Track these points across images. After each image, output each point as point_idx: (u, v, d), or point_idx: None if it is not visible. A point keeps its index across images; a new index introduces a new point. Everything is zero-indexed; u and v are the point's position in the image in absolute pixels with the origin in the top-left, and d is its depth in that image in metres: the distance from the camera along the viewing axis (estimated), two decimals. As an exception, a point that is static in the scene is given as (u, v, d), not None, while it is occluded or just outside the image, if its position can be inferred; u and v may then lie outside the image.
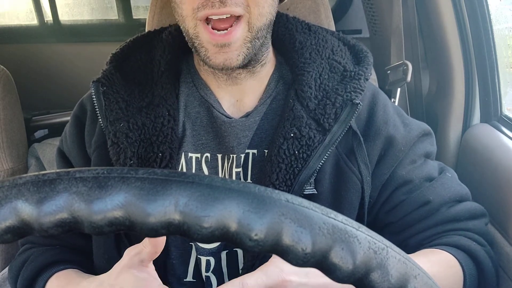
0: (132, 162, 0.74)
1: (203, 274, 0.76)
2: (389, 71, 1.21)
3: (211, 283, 0.76)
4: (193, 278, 0.77)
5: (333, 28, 0.97)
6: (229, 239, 0.27)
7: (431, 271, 0.33)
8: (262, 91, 0.81)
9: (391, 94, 1.18)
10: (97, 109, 0.78)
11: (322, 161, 0.73)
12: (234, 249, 0.77)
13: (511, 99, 1.10)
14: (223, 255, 0.76)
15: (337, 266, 0.28)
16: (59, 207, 0.27)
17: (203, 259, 0.76)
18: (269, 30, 0.76)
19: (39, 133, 1.83)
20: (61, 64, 1.97)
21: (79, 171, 0.28)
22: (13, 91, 1.38)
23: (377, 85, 1.08)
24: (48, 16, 2.01)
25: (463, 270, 0.72)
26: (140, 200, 0.27)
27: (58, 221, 0.27)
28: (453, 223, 0.77)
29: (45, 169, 1.45)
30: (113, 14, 2.02)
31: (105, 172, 0.27)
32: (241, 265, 0.76)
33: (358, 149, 0.75)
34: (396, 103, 1.17)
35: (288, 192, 0.51)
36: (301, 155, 0.73)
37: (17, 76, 1.43)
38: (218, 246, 0.76)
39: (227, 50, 0.70)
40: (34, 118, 1.72)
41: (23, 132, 1.44)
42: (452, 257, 0.73)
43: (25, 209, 0.27)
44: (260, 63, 0.79)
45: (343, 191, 0.75)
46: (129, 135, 0.75)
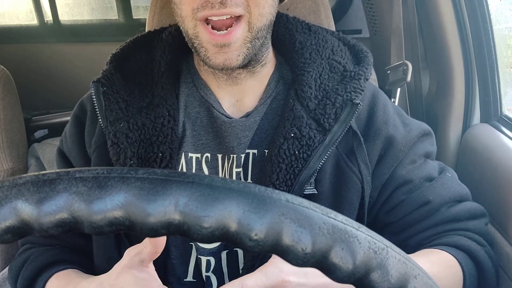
0: (132, 162, 0.74)
1: (203, 274, 0.76)
2: (389, 71, 1.21)
3: (211, 283, 0.76)
4: (193, 278, 0.77)
5: (333, 28, 0.97)
6: (229, 239, 0.27)
7: (431, 271, 0.33)
8: (262, 91, 0.81)
9: (391, 94, 1.18)
10: (97, 109, 0.78)
11: (323, 161, 0.73)
12: (234, 249, 0.76)
13: (511, 99, 1.10)
14: (223, 255, 0.76)
15: (337, 266, 0.28)
16: (59, 207, 0.27)
17: (203, 259, 0.76)
18: (269, 30, 0.76)
19: (39, 133, 1.83)
20: (61, 64, 1.97)
21: (79, 171, 0.28)
22: (13, 91, 1.38)
23: (377, 85, 1.08)
24: (48, 16, 2.01)
25: (463, 270, 0.72)
26: (140, 200, 0.27)
27: (58, 221, 0.27)
28: (453, 223, 0.77)
29: (45, 169, 1.45)
30: (113, 14, 2.02)
31: (105, 172, 0.27)
32: (241, 265, 0.76)
33: (358, 149, 0.75)
34: (396, 103, 1.17)
35: (288, 192, 0.51)
36: (301, 155, 0.73)
37: (17, 76, 1.43)
38: (218, 246, 0.76)
39: (227, 50, 0.70)
40: (34, 118, 1.72)
41: (23, 132, 1.44)
42: (452, 257, 0.73)
43: (25, 209, 0.27)
44: (260, 63, 0.79)
45: (343, 191, 0.75)
46: (129, 135, 0.75)
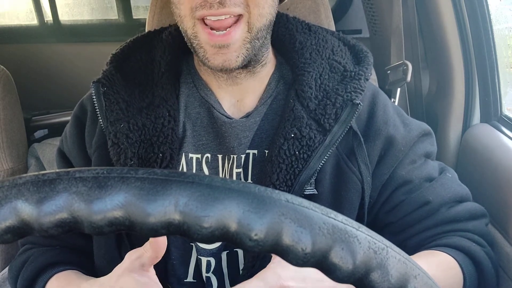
0: (132, 162, 0.74)
1: (204, 274, 0.76)
2: (389, 71, 1.21)
3: (211, 284, 0.76)
4: (193, 279, 0.77)
5: (333, 28, 0.97)
6: (229, 239, 0.27)
7: (430, 273, 0.33)
8: (262, 91, 0.81)
9: (391, 94, 1.18)
10: (97, 110, 0.78)
11: (323, 161, 0.73)
12: (235, 249, 0.76)
13: (511, 99, 1.10)
14: (224, 255, 0.76)
15: (337, 266, 0.28)
16: (59, 207, 0.27)
17: (204, 260, 0.76)
18: (269, 30, 0.76)
19: (39, 133, 1.83)
20: (61, 64, 1.97)
21: (79, 171, 0.28)
22: (13, 91, 1.38)
23: (377, 85, 1.08)
24: (48, 16, 2.01)
25: (463, 271, 0.72)
26: (140, 200, 0.27)
27: (58, 221, 0.27)
28: (453, 223, 0.77)
29: (45, 169, 1.45)
30: (113, 14, 2.02)
31: (105, 172, 0.27)
32: (241, 265, 0.76)
33: (359, 149, 0.75)
34: (396, 103, 1.17)
35: (289, 193, 0.51)
36: (301, 156, 0.73)
37: (17, 76, 1.44)
38: (218, 246, 0.76)
39: (225, 51, 0.70)
40: (34, 118, 1.72)
41: (23, 132, 1.44)
42: (451, 258, 0.72)
43: (25, 209, 0.27)
44: (260, 63, 0.79)
45: (344, 191, 0.75)
46: (130, 135, 0.75)
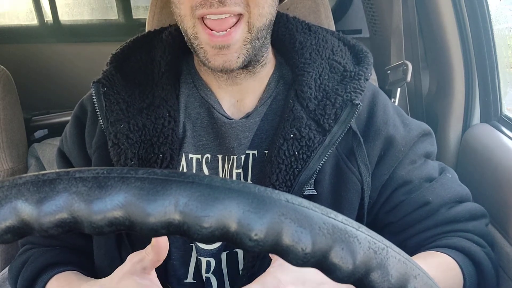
0: (132, 163, 0.74)
1: (203, 275, 0.76)
2: (389, 71, 1.21)
3: (211, 284, 0.76)
4: (193, 279, 0.77)
5: (333, 28, 0.97)
6: (229, 239, 0.27)
7: (430, 274, 0.33)
8: (262, 92, 0.80)
9: (391, 94, 1.18)
10: (97, 110, 0.78)
11: (322, 162, 0.73)
12: (234, 250, 0.76)
13: (511, 99, 1.10)
14: (223, 256, 0.76)
15: (337, 266, 0.28)
16: (59, 207, 0.27)
17: (204, 260, 0.76)
18: (269, 30, 0.76)
19: (39, 133, 1.83)
20: (61, 64, 1.97)
21: (78, 171, 0.28)
22: (13, 91, 1.38)
23: (377, 85, 1.08)
24: (48, 16, 2.01)
25: (463, 272, 0.72)
26: (140, 200, 0.27)
27: (58, 221, 0.27)
28: (452, 224, 0.77)
29: (45, 169, 1.45)
30: (113, 14, 2.02)
31: (105, 172, 0.27)
32: (241, 266, 0.76)
33: (358, 149, 0.75)
34: (396, 103, 1.17)
35: (288, 193, 0.51)
36: (301, 156, 0.73)
37: (17, 76, 1.44)
38: (218, 247, 0.76)
39: (226, 52, 0.70)
40: (34, 118, 1.72)
41: (23, 132, 1.44)
42: (451, 259, 0.72)
43: (25, 209, 0.27)
44: (260, 63, 0.79)
45: (343, 192, 0.75)
46: (130, 136, 0.75)
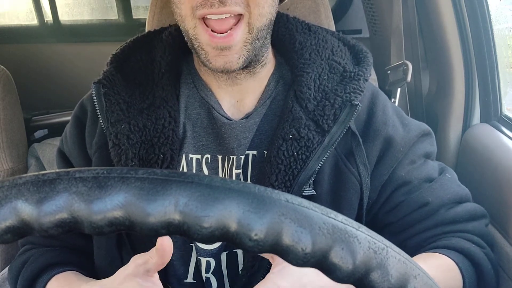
0: (133, 163, 0.74)
1: (203, 275, 0.76)
2: (389, 71, 1.21)
3: (211, 284, 0.76)
4: (193, 279, 0.77)
5: (333, 28, 0.97)
6: (229, 239, 0.27)
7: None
8: (261, 92, 0.80)
9: (391, 94, 1.18)
10: (98, 110, 0.78)
11: (321, 162, 0.73)
12: (234, 250, 0.76)
13: (511, 99, 1.10)
14: (223, 256, 0.76)
15: (337, 266, 0.28)
16: (59, 207, 0.27)
17: (203, 260, 0.76)
18: (269, 30, 0.76)
19: (39, 133, 1.83)
20: (61, 64, 1.97)
21: (78, 171, 0.28)
22: (13, 91, 1.38)
23: (377, 85, 1.08)
24: (48, 16, 2.01)
25: (462, 273, 0.72)
26: (140, 200, 0.27)
27: (58, 221, 0.27)
28: (452, 224, 0.77)
29: (45, 169, 1.45)
30: (113, 14, 2.02)
31: (105, 172, 0.27)
32: (241, 266, 0.76)
33: (357, 150, 0.75)
34: (396, 103, 1.17)
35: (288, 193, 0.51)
36: (300, 157, 0.73)
37: (17, 76, 1.44)
38: (218, 247, 0.76)
39: (227, 53, 0.70)
40: (34, 118, 1.72)
41: (23, 132, 1.44)
42: (450, 260, 0.72)
43: (25, 209, 0.27)
44: (260, 63, 0.79)
45: (342, 192, 0.75)
46: (130, 136, 0.75)
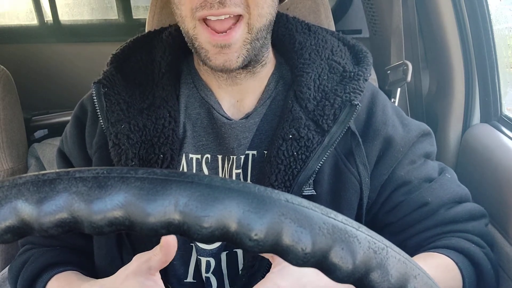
0: (133, 163, 0.74)
1: (203, 275, 0.76)
2: (389, 71, 1.21)
3: (211, 284, 0.76)
4: (193, 279, 0.77)
5: (333, 28, 0.97)
6: (229, 239, 0.27)
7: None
8: (261, 92, 0.80)
9: (391, 94, 1.18)
10: (98, 110, 0.78)
11: (321, 162, 0.73)
12: (234, 250, 0.76)
13: (511, 99, 1.10)
14: (223, 256, 0.76)
15: (337, 266, 0.28)
16: (59, 207, 0.27)
17: (203, 260, 0.76)
18: (269, 30, 0.76)
19: (39, 133, 1.83)
20: (61, 64, 1.97)
21: (78, 171, 0.28)
22: (13, 91, 1.38)
23: (377, 85, 1.08)
24: (48, 16, 2.01)
25: (462, 273, 0.72)
26: (140, 200, 0.27)
27: (58, 221, 0.27)
28: (452, 224, 0.77)
29: (45, 169, 1.45)
30: (113, 14, 2.02)
31: (104, 172, 0.27)
32: (241, 266, 0.76)
33: (357, 150, 0.75)
34: (396, 103, 1.17)
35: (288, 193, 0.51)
36: (300, 156, 0.73)
37: (17, 76, 1.43)
38: (218, 247, 0.76)
39: (227, 52, 0.70)
40: (34, 118, 1.72)
41: (23, 132, 1.44)
42: (450, 260, 0.72)
43: (25, 209, 0.27)
44: (260, 63, 0.79)
45: (342, 192, 0.75)
46: (131, 136, 0.75)
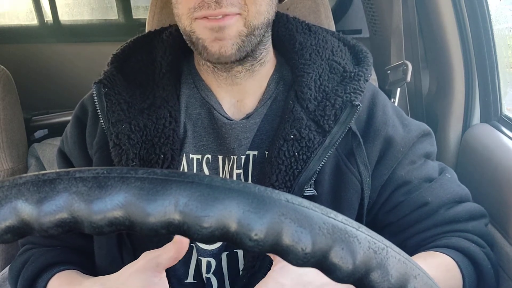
0: (134, 163, 0.74)
1: (204, 275, 0.76)
2: (389, 71, 1.21)
3: (211, 284, 0.76)
4: (193, 280, 0.77)
5: (333, 28, 0.97)
6: (229, 239, 0.27)
7: (429, 274, 0.33)
8: (262, 92, 0.80)
9: (391, 94, 1.18)
10: (98, 110, 0.78)
11: (322, 162, 0.73)
12: (235, 250, 0.76)
13: (511, 99, 1.10)
14: (224, 256, 0.76)
15: (337, 266, 0.28)
16: (59, 207, 0.27)
17: (204, 260, 0.76)
18: (267, 29, 0.76)
19: (39, 133, 1.83)
20: (61, 64, 1.97)
21: (79, 171, 0.28)
22: (13, 91, 1.38)
23: (377, 85, 1.08)
24: (48, 16, 2.01)
25: (462, 273, 0.72)
26: (140, 200, 0.27)
27: (58, 221, 0.27)
28: (452, 224, 0.77)
29: (45, 169, 1.45)
30: (113, 14, 2.02)
31: (105, 172, 0.27)
32: (241, 266, 0.76)
33: (358, 150, 0.75)
34: (396, 103, 1.17)
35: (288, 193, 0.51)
36: (301, 157, 0.73)
37: (17, 76, 1.43)
38: (218, 247, 0.76)
39: (221, 37, 0.70)
40: (34, 118, 1.72)
41: (23, 132, 1.44)
42: (450, 260, 0.72)
43: (25, 209, 0.27)
44: (259, 61, 0.79)
45: (343, 192, 0.75)
46: (131, 136, 0.75)
